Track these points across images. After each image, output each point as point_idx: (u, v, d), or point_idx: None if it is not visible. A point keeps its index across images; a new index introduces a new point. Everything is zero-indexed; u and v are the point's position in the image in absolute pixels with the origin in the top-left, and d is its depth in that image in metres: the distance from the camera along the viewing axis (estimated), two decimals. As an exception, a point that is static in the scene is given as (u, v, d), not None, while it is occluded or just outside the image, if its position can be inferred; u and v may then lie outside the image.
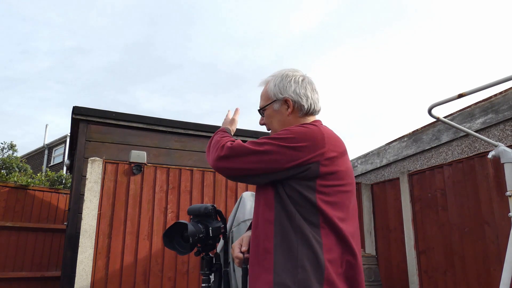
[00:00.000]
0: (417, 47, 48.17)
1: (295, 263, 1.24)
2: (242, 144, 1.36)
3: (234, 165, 1.34)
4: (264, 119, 1.55)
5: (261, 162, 1.31)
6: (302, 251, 1.24)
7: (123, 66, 42.83)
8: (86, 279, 3.70)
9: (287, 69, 1.55)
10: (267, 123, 1.55)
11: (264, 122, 1.56)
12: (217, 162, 1.36)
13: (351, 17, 38.38)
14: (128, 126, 5.34)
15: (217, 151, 1.38)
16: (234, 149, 1.35)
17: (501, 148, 3.04)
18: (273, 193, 1.34)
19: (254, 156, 1.32)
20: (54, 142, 18.86)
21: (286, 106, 1.48)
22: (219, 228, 1.44)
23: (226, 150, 1.35)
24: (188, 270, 4.14)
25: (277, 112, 1.50)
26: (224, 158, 1.35)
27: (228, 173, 1.38)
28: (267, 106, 1.52)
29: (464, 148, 4.76)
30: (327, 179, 1.32)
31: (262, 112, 1.56)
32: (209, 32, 40.84)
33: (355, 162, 6.90)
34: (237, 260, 1.41)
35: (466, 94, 2.59)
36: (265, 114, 1.53)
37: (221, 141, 1.41)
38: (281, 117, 1.49)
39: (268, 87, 1.52)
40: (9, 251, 6.03)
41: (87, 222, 3.83)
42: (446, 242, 4.11)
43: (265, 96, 1.54)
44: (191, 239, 1.35)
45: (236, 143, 1.37)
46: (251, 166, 1.32)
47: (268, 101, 1.52)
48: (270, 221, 1.31)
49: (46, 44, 36.75)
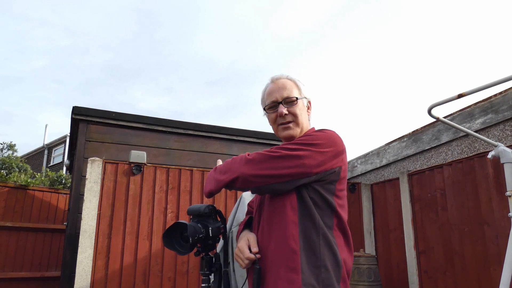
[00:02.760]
0: (417, 47, 48.17)
1: (319, 263, 1.31)
2: (267, 150, 1.35)
3: (261, 172, 1.30)
4: (292, 108, 1.52)
5: (291, 167, 1.30)
6: (324, 251, 1.32)
7: (119, 65, 42.82)
8: (86, 279, 3.70)
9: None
10: (294, 113, 1.52)
11: (287, 112, 1.51)
12: (243, 167, 1.31)
13: (351, 15, 38.36)
14: (128, 126, 5.34)
15: (241, 160, 1.34)
16: (261, 154, 1.33)
17: (501, 148, 3.05)
18: (295, 195, 1.37)
19: (285, 160, 1.31)
20: (54, 142, 18.86)
21: (307, 106, 1.60)
22: (219, 228, 1.44)
23: (253, 155, 1.33)
24: (188, 270, 4.13)
25: (303, 108, 1.56)
26: (251, 162, 1.31)
27: (254, 181, 1.31)
28: (300, 99, 1.55)
29: (464, 148, 4.76)
30: (341, 182, 1.41)
31: (295, 101, 1.53)
32: (205, 31, 40.82)
33: (355, 162, 6.90)
34: (246, 262, 1.38)
35: (466, 94, 2.60)
36: (297, 104, 1.53)
37: (238, 156, 1.39)
38: (305, 114, 1.57)
39: (299, 84, 1.59)
40: (9, 251, 6.03)
41: (86, 222, 3.83)
42: (446, 242, 4.11)
43: (296, 89, 1.56)
44: (191, 239, 1.34)
45: (270, 152, 1.34)
46: (280, 171, 1.30)
47: (300, 94, 1.56)
48: (295, 223, 1.35)
49: (41, 43, 36.71)
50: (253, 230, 1.51)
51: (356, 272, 4.23)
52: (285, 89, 1.54)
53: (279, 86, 1.55)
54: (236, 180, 1.33)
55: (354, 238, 5.07)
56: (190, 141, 5.66)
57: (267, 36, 37.86)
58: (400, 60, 55.02)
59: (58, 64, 39.26)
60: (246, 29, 41.66)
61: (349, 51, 44.02)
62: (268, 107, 1.56)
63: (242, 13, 36.39)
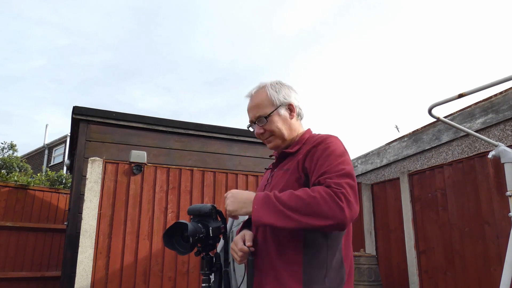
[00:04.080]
0: (417, 47, 48.18)
1: (322, 266, 1.32)
2: (350, 181, 1.27)
3: (357, 206, 1.25)
4: (267, 125, 1.50)
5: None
6: (328, 253, 1.33)
7: (118, 64, 42.81)
8: (86, 279, 3.70)
9: (273, 80, 1.58)
10: (270, 129, 1.51)
11: (263, 130, 1.52)
12: (352, 213, 1.22)
13: (351, 15, 38.37)
14: (128, 126, 5.34)
15: (334, 203, 1.21)
16: (353, 188, 1.25)
17: (501, 148, 3.05)
18: None
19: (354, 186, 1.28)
20: (54, 142, 18.87)
21: (289, 111, 1.53)
22: (219, 228, 1.44)
23: (350, 195, 1.23)
24: (188, 270, 4.14)
25: (282, 118, 1.51)
26: (354, 205, 1.23)
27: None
28: (273, 112, 1.50)
29: (464, 148, 4.76)
30: None
31: (266, 119, 1.51)
32: (204, 30, 40.83)
33: (355, 162, 6.90)
34: (240, 253, 1.38)
35: (466, 94, 2.60)
36: (270, 120, 1.50)
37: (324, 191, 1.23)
38: (286, 122, 1.52)
39: (270, 94, 1.52)
40: (9, 251, 6.04)
41: (87, 222, 3.83)
42: (446, 242, 4.11)
43: (267, 103, 1.51)
44: (191, 239, 1.34)
45: (348, 185, 1.24)
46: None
47: (273, 107, 1.51)
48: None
49: (39, 42, 36.66)
50: (252, 230, 1.51)
51: (357, 272, 4.22)
52: (257, 107, 1.52)
53: (252, 104, 1.53)
54: (333, 227, 1.22)
55: (355, 238, 5.06)
56: (190, 141, 5.66)
57: (266, 36, 37.89)
58: (400, 60, 55.03)
59: (56, 63, 39.26)
60: (245, 29, 41.67)
61: (349, 50, 44.04)
62: (249, 125, 1.58)
63: (241, 13, 36.40)
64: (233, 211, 1.34)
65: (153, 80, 41.45)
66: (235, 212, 1.34)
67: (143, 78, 41.60)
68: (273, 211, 1.24)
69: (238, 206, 1.33)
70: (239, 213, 1.34)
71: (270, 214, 1.24)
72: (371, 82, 43.78)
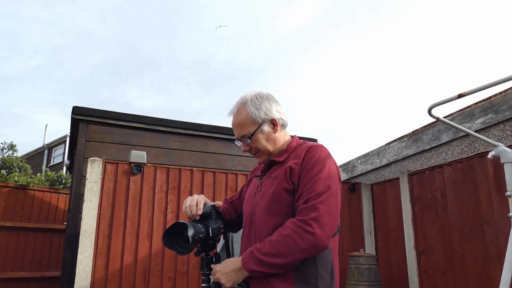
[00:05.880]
0: (417, 47, 48.18)
1: (313, 275, 1.34)
2: (322, 199, 1.32)
3: (332, 219, 1.31)
4: (252, 144, 1.51)
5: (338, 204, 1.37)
6: (317, 262, 1.35)
7: (114, 64, 42.71)
8: (86, 279, 3.70)
9: (252, 92, 1.56)
10: (256, 147, 1.52)
11: (249, 148, 1.53)
12: (326, 231, 1.29)
13: (351, 14, 38.36)
14: (128, 126, 5.34)
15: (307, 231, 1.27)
16: (326, 204, 1.31)
17: (501, 148, 3.05)
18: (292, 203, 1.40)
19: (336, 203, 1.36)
20: (54, 142, 18.86)
21: (272, 125, 1.52)
22: (219, 228, 1.44)
23: (321, 215, 1.29)
24: (188, 270, 4.14)
25: (265, 134, 1.51)
26: (326, 225, 1.29)
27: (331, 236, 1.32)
28: (256, 131, 1.50)
29: (464, 148, 4.76)
30: None
31: (250, 138, 1.51)
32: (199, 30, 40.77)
33: (355, 162, 6.91)
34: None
35: (466, 94, 2.60)
36: (254, 138, 1.50)
37: (294, 224, 1.31)
38: (270, 136, 1.52)
39: (251, 112, 1.50)
40: (9, 251, 6.03)
41: (87, 222, 3.83)
42: (446, 242, 4.11)
43: (249, 122, 1.50)
44: (191, 239, 1.34)
45: (320, 204, 1.31)
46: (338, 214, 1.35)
47: (255, 125, 1.50)
48: None
49: (34, 42, 36.57)
50: (243, 232, 1.55)
51: (356, 272, 4.22)
52: (240, 127, 1.52)
53: (235, 123, 1.54)
54: (316, 252, 1.31)
55: (354, 238, 5.07)
56: (190, 141, 5.66)
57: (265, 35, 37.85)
58: (400, 60, 55.04)
59: (52, 63, 39.17)
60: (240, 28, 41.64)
61: (349, 50, 44.03)
62: (236, 140, 1.59)
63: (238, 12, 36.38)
64: (234, 284, 1.36)
65: (150, 80, 41.40)
66: (236, 283, 1.36)
67: (140, 78, 41.53)
68: (261, 265, 1.30)
69: (234, 278, 1.35)
70: (239, 282, 1.36)
71: (262, 268, 1.30)
72: (370, 82, 43.79)
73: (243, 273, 1.34)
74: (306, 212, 1.29)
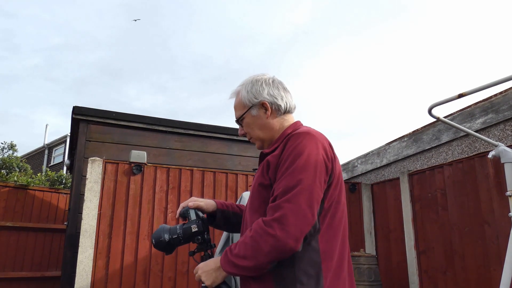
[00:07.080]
0: (418, 46, 48.16)
1: (295, 277, 1.25)
2: (289, 197, 1.21)
3: (297, 219, 1.18)
4: (245, 128, 1.50)
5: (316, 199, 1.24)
6: (302, 264, 1.25)
7: (113, 63, 42.74)
8: (86, 279, 3.70)
9: (255, 74, 1.52)
10: (248, 132, 1.51)
11: (244, 132, 1.52)
12: (290, 233, 1.17)
13: (348, 12, 38.33)
14: (128, 126, 5.34)
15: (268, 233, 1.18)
16: (292, 202, 1.19)
17: (501, 148, 3.05)
18: None
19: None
20: (54, 142, 18.87)
21: (263, 109, 1.46)
22: (189, 228, 1.47)
23: (286, 214, 1.18)
24: (188, 270, 4.14)
25: (256, 118, 1.47)
26: (290, 226, 1.18)
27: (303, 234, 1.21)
28: (245, 114, 1.48)
29: (464, 148, 4.76)
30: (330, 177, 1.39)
31: (240, 122, 1.50)
32: (199, 29, 40.77)
33: (355, 162, 6.91)
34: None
35: (466, 94, 2.60)
36: (244, 122, 1.49)
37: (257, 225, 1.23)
38: (261, 121, 1.46)
39: (241, 95, 1.48)
40: (9, 251, 6.03)
41: (87, 222, 3.83)
42: (446, 242, 4.11)
43: (240, 105, 1.49)
44: (169, 240, 1.47)
45: (286, 202, 1.20)
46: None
47: (244, 109, 1.48)
48: None
49: (32, 41, 36.59)
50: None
51: (357, 272, 4.22)
52: (235, 110, 1.53)
53: (233, 106, 1.55)
54: (281, 256, 1.20)
55: (355, 238, 5.07)
56: (190, 141, 5.66)
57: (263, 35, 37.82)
58: (401, 60, 55.01)
59: (51, 62, 39.16)
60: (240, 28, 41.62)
61: (349, 50, 44.01)
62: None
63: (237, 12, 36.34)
64: (213, 283, 1.32)
65: (148, 79, 41.42)
66: (215, 283, 1.32)
67: (138, 77, 41.55)
68: (234, 266, 1.25)
69: (213, 276, 1.32)
70: (218, 282, 1.33)
71: (235, 270, 1.25)
72: (370, 82, 43.77)
73: (221, 273, 1.31)
74: (271, 211, 1.21)
